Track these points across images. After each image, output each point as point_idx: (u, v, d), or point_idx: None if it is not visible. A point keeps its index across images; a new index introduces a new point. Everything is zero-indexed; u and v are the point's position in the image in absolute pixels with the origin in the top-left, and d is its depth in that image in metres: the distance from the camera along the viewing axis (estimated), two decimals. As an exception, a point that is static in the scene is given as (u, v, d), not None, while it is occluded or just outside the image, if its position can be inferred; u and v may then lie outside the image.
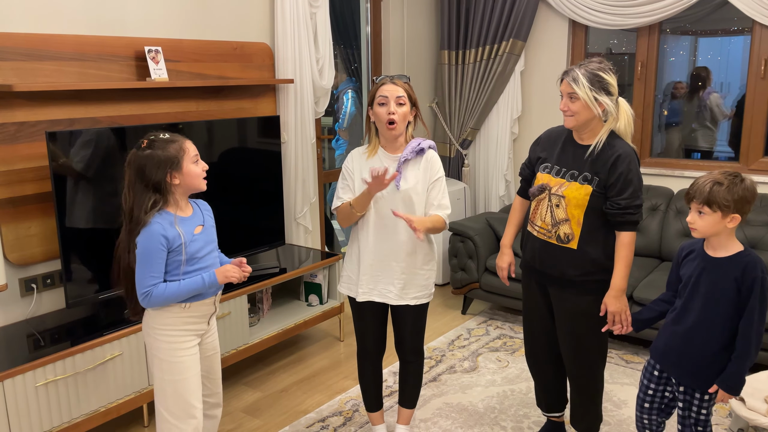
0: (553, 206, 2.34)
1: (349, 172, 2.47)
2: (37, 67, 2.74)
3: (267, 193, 3.59)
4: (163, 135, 2.07)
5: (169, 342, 2.11)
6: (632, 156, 2.26)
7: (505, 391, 3.22)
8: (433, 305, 4.34)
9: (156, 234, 2.01)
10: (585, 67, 2.24)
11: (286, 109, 3.80)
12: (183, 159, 2.05)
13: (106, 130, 2.79)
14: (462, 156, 4.96)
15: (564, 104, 2.28)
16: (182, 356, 2.12)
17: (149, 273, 2.03)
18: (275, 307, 3.71)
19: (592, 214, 2.29)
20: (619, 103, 2.29)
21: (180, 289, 2.06)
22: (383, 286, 2.47)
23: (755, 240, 3.65)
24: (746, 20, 3.91)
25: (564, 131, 2.44)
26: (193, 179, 2.09)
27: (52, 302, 2.92)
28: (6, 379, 2.33)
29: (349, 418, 3.01)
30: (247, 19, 3.65)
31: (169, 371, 2.12)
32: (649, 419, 2.29)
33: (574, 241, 2.31)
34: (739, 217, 1.99)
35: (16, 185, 2.71)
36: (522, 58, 4.62)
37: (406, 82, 2.40)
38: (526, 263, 2.52)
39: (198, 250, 2.12)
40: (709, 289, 2.03)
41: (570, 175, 2.33)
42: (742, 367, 2.00)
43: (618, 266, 2.28)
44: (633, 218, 2.26)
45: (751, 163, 4.00)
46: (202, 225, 2.17)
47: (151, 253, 2.02)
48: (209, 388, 2.32)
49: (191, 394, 2.14)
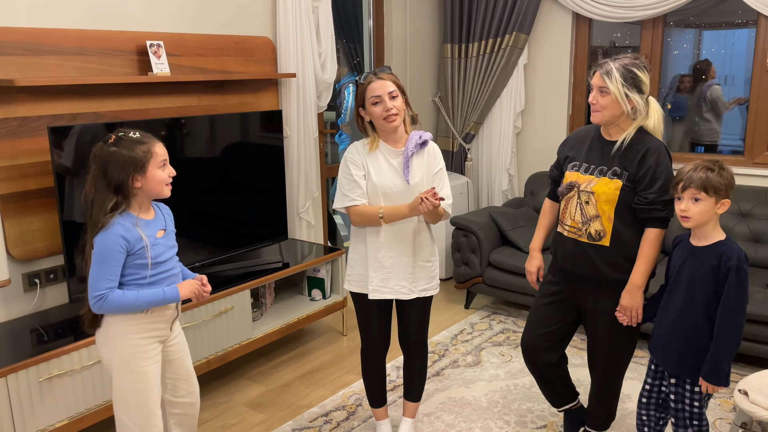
0: (583, 203, 2.28)
1: (356, 165, 2.39)
2: (38, 61, 2.73)
3: (269, 187, 3.58)
4: (133, 133, 1.98)
5: (130, 351, 2.01)
6: (662, 150, 2.20)
7: (508, 386, 3.21)
8: (436, 300, 4.34)
9: (115, 235, 1.91)
10: (620, 61, 2.18)
11: (288, 103, 3.79)
12: (149, 162, 1.95)
13: (109, 124, 2.78)
14: (465, 150, 4.95)
15: (593, 97, 2.22)
16: (145, 366, 2.04)
17: (104, 276, 1.91)
18: (278, 301, 3.71)
19: (623, 210, 2.22)
20: (649, 101, 2.23)
21: (138, 299, 1.96)
22: (395, 282, 2.45)
23: (760, 233, 3.64)
24: (751, 13, 3.88)
25: (592, 130, 2.38)
26: (156, 185, 1.99)
27: (55, 297, 2.93)
28: (10, 373, 2.33)
29: (352, 413, 3.01)
30: (249, 13, 3.64)
31: (131, 381, 2.03)
32: (647, 415, 2.30)
33: (606, 237, 2.24)
34: (728, 202, 2.01)
35: (18, 180, 2.71)
36: (525, 52, 4.60)
37: (390, 73, 2.36)
38: (559, 266, 2.43)
39: (160, 255, 2.03)
40: (690, 278, 2.06)
41: (599, 170, 2.27)
42: (719, 355, 2.01)
43: (638, 262, 2.22)
44: (660, 214, 2.18)
45: (756, 157, 3.98)
46: (164, 229, 2.09)
47: (108, 254, 1.91)
48: (183, 389, 2.23)
49: (153, 403, 2.07)
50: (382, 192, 2.39)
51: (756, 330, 3.14)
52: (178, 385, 2.22)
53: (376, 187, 2.39)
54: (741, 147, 4.19)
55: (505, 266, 3.91)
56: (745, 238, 3.68)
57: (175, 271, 2.11)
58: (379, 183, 2.39)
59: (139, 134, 1.99)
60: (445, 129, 5.02)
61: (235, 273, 3.31)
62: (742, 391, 2.24)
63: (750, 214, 3.71)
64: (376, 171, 2.40)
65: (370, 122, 2.41)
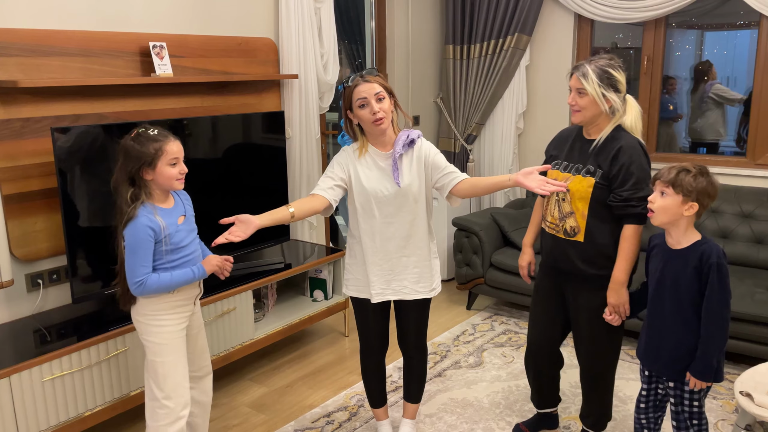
0: (560, 200, 2.37)
1: (340, 165, 2.40)
2: (42, 62, 2.74)
3: (271, 188, 3.59)
4: (152, 131, 2.15)
5: (160, 326, 2.22)
6: (636, 148, 2.25)
7: (510, 387, 3.21)
8: (438, 301, 4.34)
9: (143, 226, 2.10)
10: (595, 63, 2.26)
11: (290, 104, 3.80)
12: (158, 159, 2.12)
13: (111, 125, 2.78)
14: (467, 151, 4.95)
15: (572, 99, 2.31)
16: (172, 339, 2.24)
17: (140, 263, 2.11)
18: (280, 302, 3.71)
19: (597, 206, 2.29)
20: (626, 99, 2.31)
21: (172, 279, 2.17)
22: (397, 283, 2.45)
23: (762, 235, 3.64)
24: (753, 14, 3.88)
25: (575, 129, 2.47)
26: (166, 180, 2.16)
27: (58, 298, 2.93)
28: (13, 374, 2.33)
29: (354, 414, 3.01)
30: (252, 15, 3.64)
31: (160, 353, 2.23)
32: (646, 418, 2.31)
33: (581, 234, 2.33)
34: (696, 206, 2.01)
35: (21, 181, 2.72)
36: (527, 53, 4.60)
37: (377, 75, 2.36)
38: (544, 261, 2.55)
39: (182, 240, 2.21)
40: (673, 281, 2.07)
41: (575, 168, 2.36)
42: (708, 351, 2.03)
43: (619, 259, 2.28)
44: (635, 211, 2.24)
45: (758, 158, 3.97)
46: (184, 215, 2.27)
47: (139, 244, 2.11)
48: (198, 362, 2.43)
49: (180, 374, 2.27)
50: (373, 196, 2.37)
51: (758, 331, 3.14)
52: (194, 359, 2.40)
53: (367, 191, 2.37)
54: (734, 147, 4.21)
55: (507, 267, 3.91)
56: (747, 239, 3.68)
57: (197, 254, 2.30)
58: (369, 187, 2.37)
59: (157, 132, 2.16)
60: (447, 130, 5.02)
61: (237, 274, 3.31)
62: (744, 393, 2.24)
63: (752, 215, 3.71)
64: (365, 176, 2.38)
65: (359, 125, 2.40)
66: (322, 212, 2.38)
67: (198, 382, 2.45)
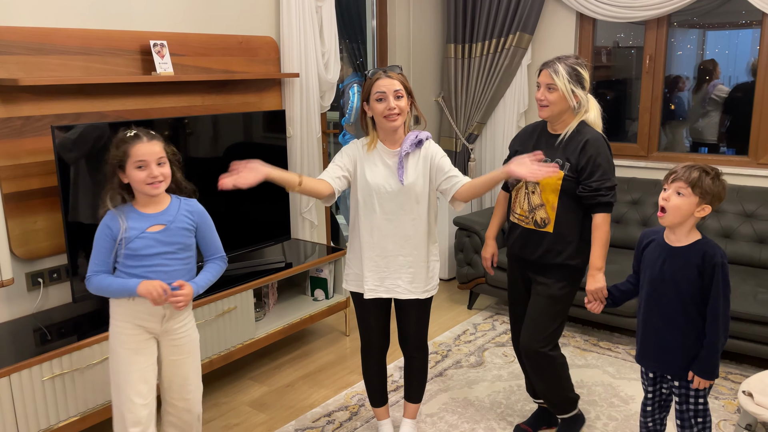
0: (530, 193, 2.47)
1: (347, 156, 2.42)
2: (42, 61, 2.73)
3: (272, 187, 3.56)
4: (128, 133, 2.06)
5: (115, 333, 2.15)
6: (600, 140, 2.38)
7: (511, 386, 3.21)
8: (439, 300, 4.34)
9: (103, 224, 2.09)
10: (564, 60, 2.38)
11: (291, 103, 3.79)
12: (126, 162, 2.05)
13: (112, 124, 2.78)
14: (468, 150, 4.94)
15: (541, 94, 2.40)
16: (123, 351, 2.12)
17: (94, 259, 2.10)
18: (281, 301, 3.71)
19: (566, 198, 2.40)
20: (588, 97, 2.44)
21: (110, 285, 2.09)
22: (391, 282, 2.45)
23: (765, 234, 3.63)
24: (755, 13, 3.87)
25: (539, 125, 2.56)
26: (136, 184, 2.07)
27: (58, 297, 2.93)
28: (13, 373, 2.33)
29: (355, 413, 3.00)
30: (253, 13, 3.64)
31: (112, 362, 2.15)
32: (652, 419, 2.30)
33: (550, 225, 2.44)
34: (710, 208, 2.02)
35: (22, 180, 2.71)
36: (529, 52, 4.59)
37: (400, 73, 2.36)
38: (511, 252, 2.64)
39: (141, 248, 2.07)
40: (673, 279, 2.07)
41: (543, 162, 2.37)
42: (713, 351, 2.04)
43: (594, 246, 2.40)
44: (605, 199, 2.36)
45: (760, 158, 3.96)
46: (165, 225, 2.11)
47: (97, 240, 2.10)
48: (176, 393, 2.25)
49: (131, 389, 2.11)
50: (376, 191, 2.39)
51: (761, 331, 3.13)
52: (172, 387, 2.25)
53: (370, 186, 2.39)
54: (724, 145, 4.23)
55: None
56: (749, 239, 3.67)
57: (165, 269, 2.11)
58: (373, 182, 2.38)
59: (132, 134, 2.06)
60: (448, 129, 5.01)
61: (238, 273, 3.31)
62: (746, 392, 2.23)
63: (754, 215, 3.70)
64: (370, 171, 2.40)
65: (372, 118, 2.40)
66: (323, 200, 2.39)
67: (176, 410, 2.28)
